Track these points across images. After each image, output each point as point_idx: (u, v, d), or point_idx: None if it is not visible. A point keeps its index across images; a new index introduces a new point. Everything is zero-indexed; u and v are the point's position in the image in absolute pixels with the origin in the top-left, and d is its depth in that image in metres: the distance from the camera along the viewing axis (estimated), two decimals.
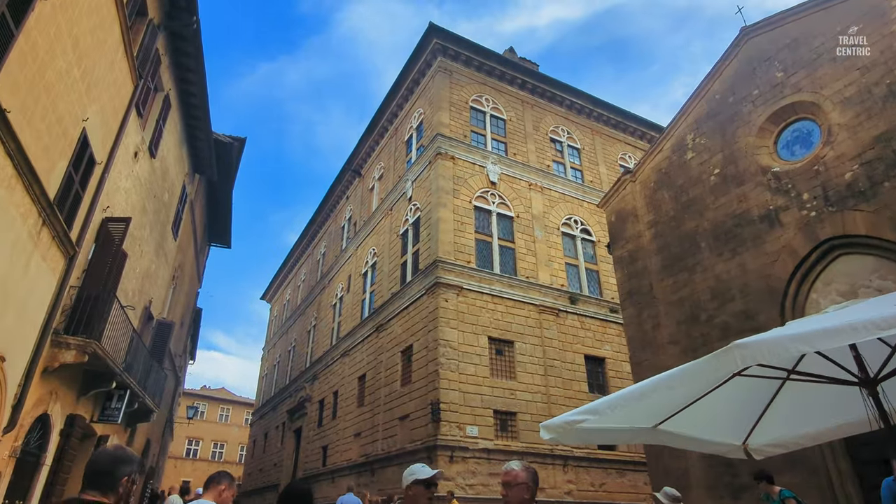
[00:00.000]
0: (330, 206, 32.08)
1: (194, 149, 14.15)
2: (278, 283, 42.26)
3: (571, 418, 3.56)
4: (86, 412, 9.96)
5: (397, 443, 16.97)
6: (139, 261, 10.69)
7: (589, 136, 24.91)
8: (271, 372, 38.24)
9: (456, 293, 16.93)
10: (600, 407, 3.36)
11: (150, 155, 10.57)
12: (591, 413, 3.41)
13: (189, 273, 18.64)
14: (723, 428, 4.78)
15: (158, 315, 13.56)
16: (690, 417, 4.42)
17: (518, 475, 2.55)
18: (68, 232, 7.54)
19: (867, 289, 8.97)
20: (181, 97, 12.10)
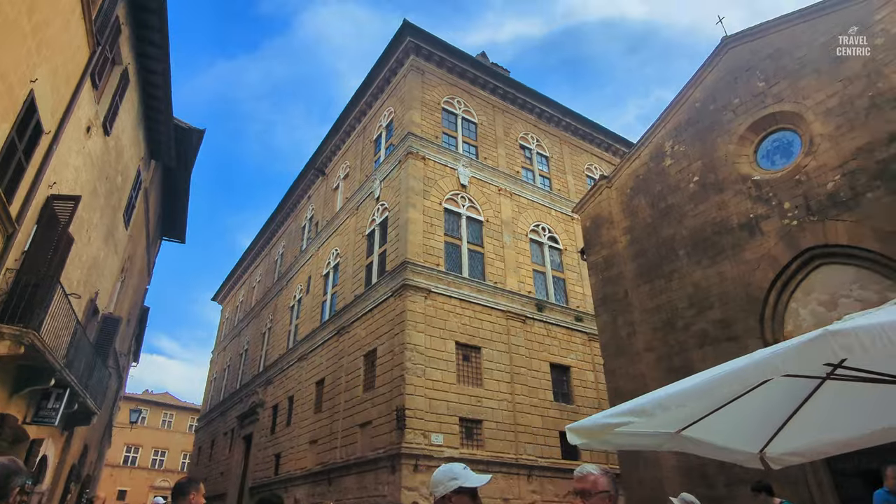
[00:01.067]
0: (290, 205, 30.97)
1: (152, 132, 13.11)
2: (232, 283, 40.53)
3: (610, 420, 3.10)
4: (18, 412, 8.85)
5: (357, 450, 16.20)
6: (86, 247, 9.66)
7: (557, 144, 24.95)
8: (221, 376, 36.48)
9: (424, 296, 16.38)
10: (649, 406, 2.89)
11: (104, 132, 9.59)
12: (635, 414, 2.96)
13: (139, 267, 17.36)
14: (742, 435, 4.43)
15: (104, 309, 12.40)
16: (711, 422, 4.08)
17: (598, 481, 2.08)
18: (7, 206, 6.61)
19: (847, 299, 9.01)
20: (141, 74, 11.13)
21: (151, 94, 11.89)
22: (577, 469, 2.29)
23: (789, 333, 9.61)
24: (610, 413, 3.18)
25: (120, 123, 10.54)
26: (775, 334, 9.69)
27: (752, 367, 2.45)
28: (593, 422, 3.19)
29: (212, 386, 38.56)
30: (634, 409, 2.98)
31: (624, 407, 3.11)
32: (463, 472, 2.04)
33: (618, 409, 3.17)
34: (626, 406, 3.10)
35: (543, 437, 16.91)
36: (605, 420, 3.12)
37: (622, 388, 11.84)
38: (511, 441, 16.09)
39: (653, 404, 2.87)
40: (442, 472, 2.06)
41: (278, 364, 25.42)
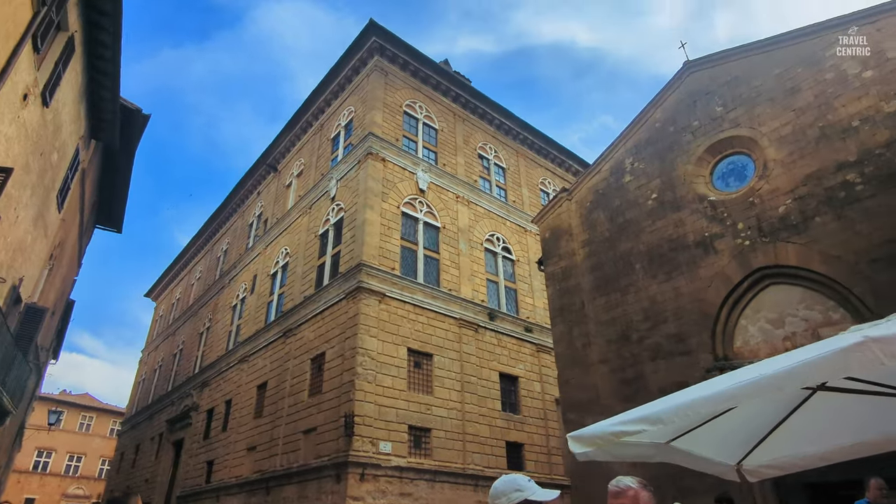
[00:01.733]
0: (238, 200, 29.76)
1: (95, 109, 12.13)
2: (168, 279, 38.47)
3: (621, 428, 2.95)
4: None
5: (300, 458, 15.53)
6: (13, 228, 8.74)
7: (514, 157, 25.22)
8: (150, 377, 34.41)
9: (378, 300, 16.00)
10: (664, 415, 2.75)
11: (42, 102, 8.75)
12: (649, 422, 2.81)
13: (69, 255, 16.05)
14: (723, 446, 4.42)
15: (28, 298, 11.30)
16: (698, 433, 4.02)
17: (639, 496, 1.90)
18: None
19: (794, 318, 9.40)
20: (89, 44, 10.28)
21: (98, 67, 11.01)
22: (612, 482, 2.09)
23: (738, 349, 9.93)
24: (618, 421, 3.03)
25: (61, 95, 9.68)
26: (725, 350, 10.00)
27: (785, 376, 2.33)
28: (600, 430, 3.03)
29: (139, 387, 36.34)
30: (647, 417, 2.83)
31: (634, 415, 2.97)
32: (528, 485, 1.84)
33: (626, 416, 3.03)
34: (637, 414, 2.96)
35: (491, 446, 16.81)
36: (613, 428, 2.97)
37: (575, 399, 11.91)
38: (459, 450, 15.89)
39: (668, 413, 2.74)
40: (505, 482, 1.85)
41: (216, 366, 24.19)
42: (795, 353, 2.68)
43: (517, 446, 17.74)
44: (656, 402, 3.03)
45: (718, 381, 2.88)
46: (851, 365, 2.13)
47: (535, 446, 18.17)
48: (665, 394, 9.88)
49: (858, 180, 9.07)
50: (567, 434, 3.26)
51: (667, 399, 3.02)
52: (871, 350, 2.14)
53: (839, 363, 2.15)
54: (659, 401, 3.07)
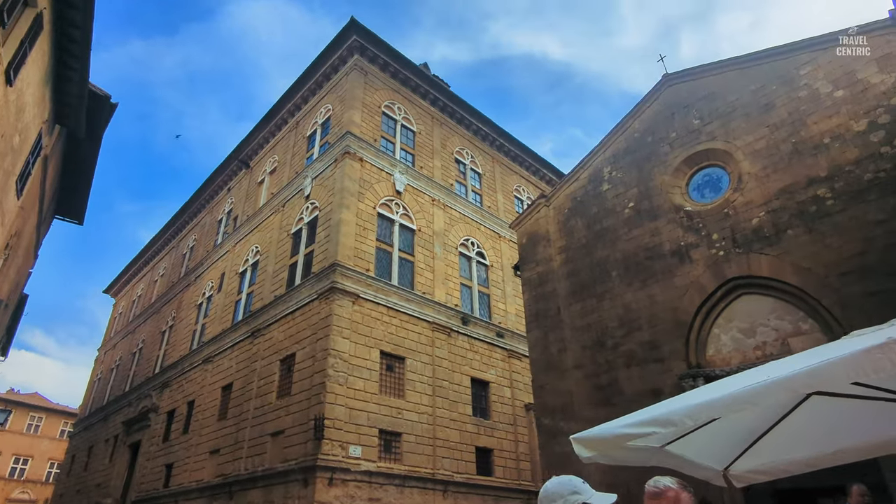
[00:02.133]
0: (207, 196, 28.99)
1: (62, 94, 11.58)
2: (130, 276, 37.15)
3: (630, 431, 2.88)
4: None
5: (266, 462, 15.10)
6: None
7: (490, 163, 25.32)
8: (107, 377, 33.09)
9: (352, 301, 15.74)
10: (676, 417, 2.70)
11: (6, 80, 8.29)
12: (659, 425, 2.76)
13: (25, 246, 15.27)
14: (713, 451, 4.43)
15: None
16: (692, 438, 4.01)
17: (680, 498, 1.82)
18: None
19: (765, 327, 9.62)
20: (58, 24, 9.81)
21: (67, 49, 10.51)
22: (651, 482, 2.01)
23: (711, 357, 10.10)
24: (625, 423, 2.97)
25: (26, 75, 9.20)
26: (698, 358, 10.15)
27: (806, 376, 2.30)
28: (606, 432, 2.96)
29: (94, 387, 34.90)
30: (657, 419, 2.78)
31: (641, 417, 2.91)
32: (584, 487, 1.76)
33: (633, 419, 2.97)
34: (645, 416, 2.90)
35: (460, 451, 16.70)
36: (621, 430, 2.90)
37: (550, 404, 11.91)
38: (429, 455, 15.73)
39: (680, 415, 2.68)
40: (560, 484, 1.76)
41: (179, 366, 23.41)
42: (804, 355, 2.67)
43: (486, 452, 17.68)
44: (662, 405, 2.99)
45: (729, 382, 2.85)
46: (879, 365, 2.11)
47: (504, 452, 18.14)
48: (639, 400, 9.97)
49: (829, 195, 9.36)
50: (571, 437, 3.19)
51: (673, 401, 2.98)
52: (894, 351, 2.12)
53: (864, 363, 2.13)
54: (664, 403, 3.03)
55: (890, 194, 8.72)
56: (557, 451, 11.41)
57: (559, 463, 11.33)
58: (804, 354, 2.84)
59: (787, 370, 2.58)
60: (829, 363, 2.26)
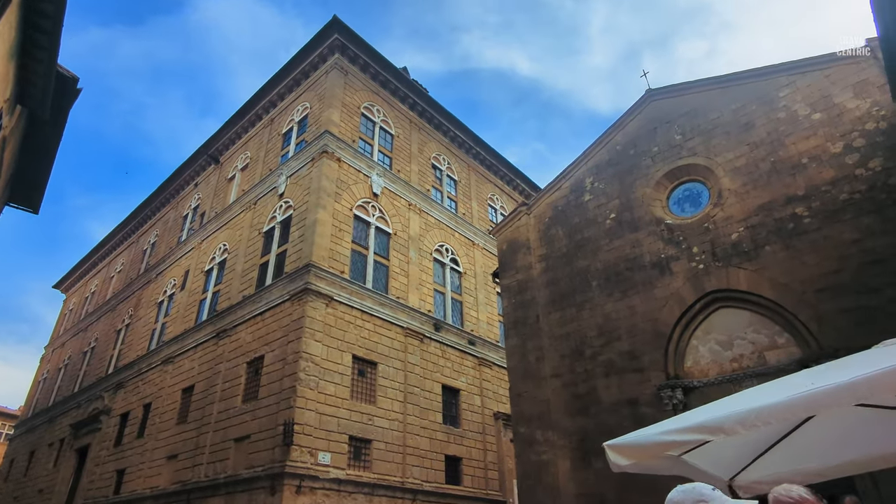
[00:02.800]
0: (172, 190, 27.97)
1: (27, 71, 10.85)
2: (83, 271, 35.44)
3: (670, 439, 2.77)
4: None
5: (229, 468, 14.51)
6: None
7: (466, 170, 25.32)
8: (54, 376, 31.39)
9: (325, 303, 15.36)
10: (726, 424, 2.59)
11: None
12: (709, 432, 2.65)
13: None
14: (721, 459, 4.40)
15: None
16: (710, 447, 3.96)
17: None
18: None
19: (742, 340, 9.81)
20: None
21: (37, 23, 9.85)
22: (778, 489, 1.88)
23: (689, 369, 10.24)
24: (668, 430, 2.87)
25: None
26: (676, 369, 10.27)
27: (866, 383, 2.24)
28: (647, 439, 2.85)
29: (39, 387, 33.05)
30: (706, 425, 2.68)
31: (685, 423, 2.82)
32: (713, 494, 1.58)
33: (676, 425, 2.87)
34: (689, 423, 2.80)
35: (430, 460, 16.46)
36: (665, 438, 2.80)
37: (527, 412, 11.84)
38: (399, 463, 15.43)
39: (732, 421, 2.58)
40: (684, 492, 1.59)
41: (135, 366, 22.37)
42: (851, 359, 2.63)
43: (455, 460, 17.49)
44: (699, 412, 2.91)
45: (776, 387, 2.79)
46: None
47: (472, 460, 17.99)
48: (617, 409, 9.97)
49: (806, 214, 9.65)
50: (605, 444, 3.07)
51: (715, 407, 2.90)
52: None
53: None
54: (701, 410, 2.95)
55: (864, 215, 9.05)
56: (533, 459, 11.34)
57: (534, 472, 11.26)
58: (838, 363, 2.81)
59: (835, 378, 2.53)
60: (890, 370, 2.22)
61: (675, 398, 9.89)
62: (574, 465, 10.77)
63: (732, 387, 9.52)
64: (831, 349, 8.58)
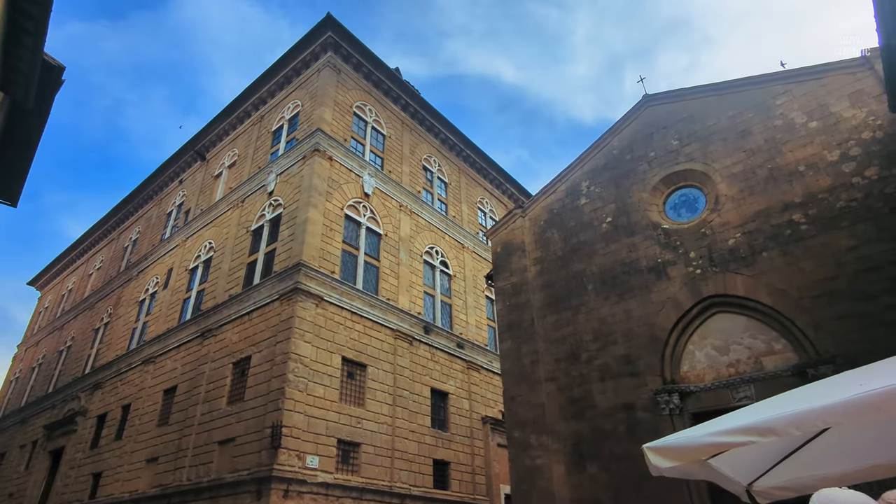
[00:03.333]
0: (156, 187, 27.38)
1: (12, 57, 10.48)
2: (60, 268, 34.50)
3: (717, 440, 2.66)
4: None
5: (212, 471, 14.12)
6: None
7: (456, 173, 25.25)
8: (27, 376, 30.44)
9: (315, 303, 15.09)
10: (778, 425, 2.48)
11: None
12: (756, 433, 2.54)
13: None
14: (744, 464, 4.32)
15: None
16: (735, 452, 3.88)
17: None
18: None
19: (739, 345, 9.82)
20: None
21: (23, 9, 9.53)
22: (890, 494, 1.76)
23: (685, 374, 10.22)
24: (714, 432, 2.76)
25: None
26: (673, 374, 10.25)
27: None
28: (692, 441, 2.74)
29: (10, 387, 32.04)
30: (756, 427, 2.57)
31: (733, 425, 2.71)
32: None
33: (721, 426, 2.77)
34: (737, 424, 2.70)
35: (418, 464, 16.25)
36: (711, 440, 2.68)
37: (521, 416, 11.72)
38: (387, 467, 15.20)
39: (784, 423, 2.48)
40: (827, 499, 1.45)
41: (114, 366, 21.77)
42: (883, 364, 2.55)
43: (443, 464, 17.30)
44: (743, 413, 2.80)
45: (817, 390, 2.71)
46: None
47: (460, 465, 17.81)
48: (613, 414, 9.90)
49: (803, 220, 9.72)
50: (645, 446, 2.95)
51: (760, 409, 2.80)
52: None
53: None
54: (745, 412, 2.85)
55: (861, 222, 9.14)
56: (528, 464, 11.22)
57: (529, 477, 11.14)
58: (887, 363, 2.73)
59: (889, 380, 2.45)
60: None
61: (671, 403, 9.87)
62: (569, 470, 10.68)
63: (729, 392, 9.54)
64: (828, 355, 8.64)
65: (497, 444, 19.32)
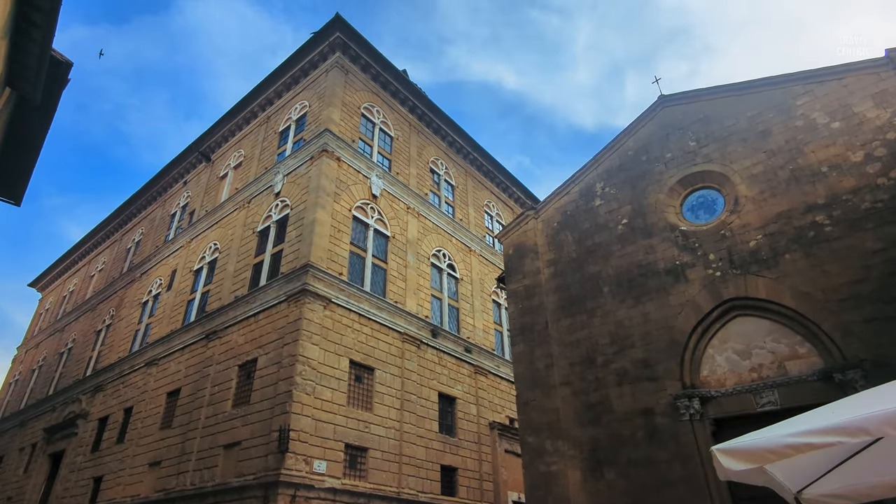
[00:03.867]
0: (160, 188, 27.20)
1: (21, 53, 10.29)
2: (61, 269, 34.27)
3: (802, 440, 2.45)
4: None
5: (217, 476, 13.85)
6: None
7: (463, 176, 25.08)
8: (26, 378, 30.14)
9: (323, 305, 14.86)
10: (870, 425, 2.29)
11: None
12: (846, 434, 2.34)
13: None
14: (795, 470, 4.10)
15: None
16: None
17: None
18: None
19: (761, 350, 9.58)
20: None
21: (33, 2, 9.40)
22: None
23: (705, 378, 9.98)
24: (798, 432, 2.54)
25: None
26: (692, 378, 10.01)
27: None
28: (773, 442, 2.53)
29: (10, 390, 31.73)
30: (845, 427, 2.37)
31: (817, 425, 2.49)
32: None
33: (805, 426, 2.54)
34: (822, 424, 2.48)
35: (426, 470, 15.97)
36: (793, 440, 2.46)
37: (535, 421, 11.47)
38: (395, 473, 14.92)
39: (877, 422, 2.27)
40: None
41: (116, 368, 21.50)
42: None
43: (451, 470, 17.03)
44: (824, 412, 2.58)
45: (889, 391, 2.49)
46: None
47: (468, 471, 17.53)
48: (631, 419, 9.65)
49: (827, 222, 9.51)
50: (714, 448, 2.73)
51: (825, 413, 2.58)
52: None
53: None
54: (824, 410, 2.62)
55: (887, 224, 8.93)
56: (542, 470, 10.97)
57: (543, 483, 10.88)
58: None
59: None
60: None
61: (692, 408, 9.62)
62: (585, 477, 10.42)
63: (752, 397, 9.30)
64: (856, 359, 8.41)
65: (504, 451, 19.05)
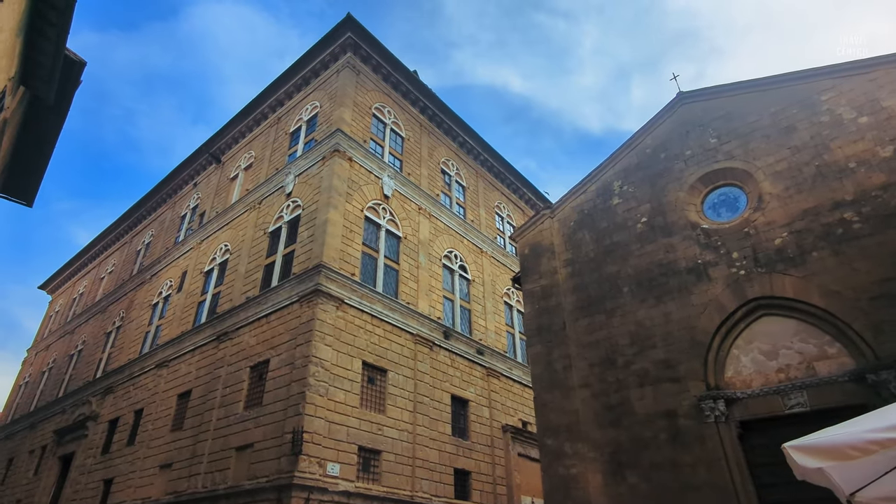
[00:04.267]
0: (170, 190, 27.19)
1: (35, 51, 10.24)
2: (72, 271, 34.34)
3: (887, 436, 2.25)
4: None
5: (229, 478, 13.69)
6: None
7: (474, 177, 24.92)
8: (37, 380, 30.17)
9: (336, 306, 14.71)
10: None
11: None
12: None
13: None
14: (849, 470, 3.88)
15: None
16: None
17: None
18: None
19: (788, 350, 9.33)
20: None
21: (49, 0, 9.33)
22: None
23: (729, 379, 9.73)
24: (882, 427, 2.33)
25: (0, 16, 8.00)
26: (717, 379, 9.77)
27: None
28: (853, 438, 2.33)
29: (20, 392, 31.76)
30: None
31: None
32: None
33: (885, 422, 2.34)
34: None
35: (440, 473, 15.76)
36: (876, 436, 2.26)
37: (553, 423, 11.25)
38: (408, 476, 14.72)
39: None
40: None
41: (126, 370, 21.43)
42: None
43: (465, 474, 16.80)
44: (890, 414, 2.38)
45: None
46: None
47: (481, 475, 17.29)
48: (653, 421, 9.40)
49: (856, 219, 9.26)
50: (786, 445, 2.54)
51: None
52: None
53: None
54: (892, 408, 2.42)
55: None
56: (562, 473, 10.74)
57: (563, 486, 10.65)
58: None
59: None
60: None
61: (717, 410, 9.38)
62: (606, 480, 10.18)
63: (780, 399, 9.04)
64: (889, 359, 8.15)
65: (518, 454, 18.80)
